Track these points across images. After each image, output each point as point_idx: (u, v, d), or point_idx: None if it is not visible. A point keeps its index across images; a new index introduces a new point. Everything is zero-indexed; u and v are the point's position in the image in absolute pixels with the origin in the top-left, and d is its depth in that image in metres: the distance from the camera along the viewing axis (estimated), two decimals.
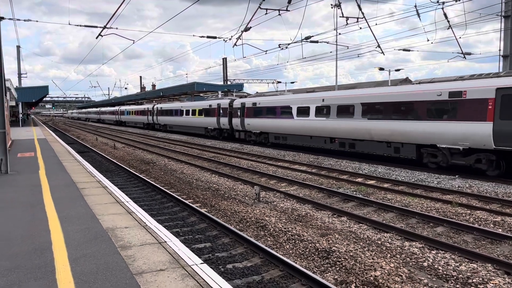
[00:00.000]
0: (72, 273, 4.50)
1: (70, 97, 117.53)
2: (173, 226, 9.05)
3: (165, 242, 5.60)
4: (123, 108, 66.23)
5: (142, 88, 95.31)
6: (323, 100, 21.24)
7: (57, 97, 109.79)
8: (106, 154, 23.09)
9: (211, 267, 5.32)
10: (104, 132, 47.63)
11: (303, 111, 22.53)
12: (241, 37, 22.98)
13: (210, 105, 33.93)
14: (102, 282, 4.27)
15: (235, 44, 23.46)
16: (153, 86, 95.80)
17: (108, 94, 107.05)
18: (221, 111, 31.99)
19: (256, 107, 27.20)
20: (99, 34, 20.50)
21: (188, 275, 4.45)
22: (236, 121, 29.89)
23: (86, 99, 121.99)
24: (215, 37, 24.78)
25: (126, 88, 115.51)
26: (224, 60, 54.16)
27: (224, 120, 31.65)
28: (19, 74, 51.29)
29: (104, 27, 19.75)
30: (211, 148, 26.78)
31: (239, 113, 29.19)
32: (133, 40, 22.04)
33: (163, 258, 4.96)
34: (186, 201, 10.86)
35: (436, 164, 15.93)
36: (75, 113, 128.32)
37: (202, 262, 4.88)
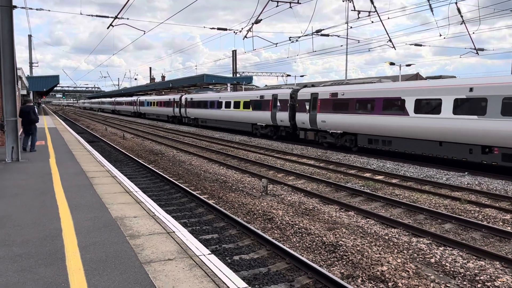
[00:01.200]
0: (82, 261, 4.56)
1: (81, 87, 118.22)
2: (181, 216, 9.11)
3: (173, 232, 5.64)
4: (142, 98, 59.16)
5: (152, 79, 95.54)
6: (470, 89, 14.48)
7: (68, 86, 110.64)
8: (115, 144, 23.25)
9: (218, 258, 5.36)
10: (113, 123, 47.92)
11: (426, 106, 16.18)
12: (251, 30, 22.87)
13: (261, 96, 27.95)
14: (111, 270, 4.32)
15: (245, 37, 23.37)
16: (163, 77, 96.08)
17: (118, 85, 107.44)
18: (278, 104, 26.04)
19: (337, 99, 20.97)
20: (110, 24, 20.53)
21: (196, 265, 4.49)
22: (302, 117, 23.57)
23: (96, 89, 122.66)
24: (225, 29, 24.70)
25: (136, 79, 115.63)
26: (234, 52, 54.02)
27: (282, 116, 25.64)
28: (31, 63, 51.66)
29: (116, 17, 19.77)
30: (219, 140, 26.85)
31: (307, 107, 23.10)
32: (144, 31, 22.03)
33: (171, 248, 5.01)
34: (194, 192, 10.91)
35: None
36: (87, 103, 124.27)
37: (210, 252, 4.91)
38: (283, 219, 8.73)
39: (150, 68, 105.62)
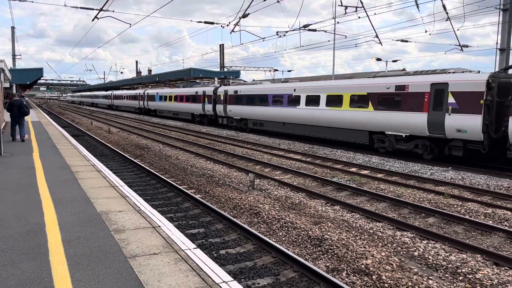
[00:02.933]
0: (65, 255, 4.52)
1: (65, 80, 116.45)
2: (167, 211, 9.08)
3: (159, 226, 5.62)
4: (152, 91, 51.35)
5: (138, 73, 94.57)
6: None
7: (52, 79, 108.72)
8: (100, 138, 23.00)
9: (204, 252, 5.36)
10: (99, 117, 47.37)
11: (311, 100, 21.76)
12: (238, 24, 22.78)
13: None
14: (96, 264, 4.29)
15: (232, 31, 23.27)
16: (149, 71, 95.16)
17: (104, 78, 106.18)
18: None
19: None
20: (95, 17, 20.25)
21: (181, 260, 4.48)
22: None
23: (81, 82, 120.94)
24: (212, 23, 24.57)
25: (122, 73, 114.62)
26: (221, 46, 53.75)
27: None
28: (13, 56, 50.64)
29: (101, 10, 19.50)
30: (206, 134, 26.75)
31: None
32: (130, 24, 21.78)
33: (156, 242, 4.99)
34: (181, 187, 10.87)
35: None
36: (76, 96, 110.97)
37: (196, 247, 4.91)
38: (269, 213, 8.76)
39: (137, 61, 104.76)
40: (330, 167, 14.92)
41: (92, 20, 20.57)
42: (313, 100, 21.49)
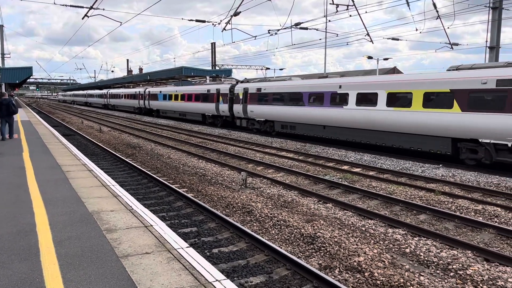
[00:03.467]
0: (56, 255, 4.47)
1: (55, 79, 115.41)
2: (159, 210, 9.04)
3: (151, 225, 5.59)
4: (154, 90, 46.22)
5: (129, 71, 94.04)
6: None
7: (42, 78, 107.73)
8: (91, 138, 22.83)
9: (197, 251, 5.35)
10: (90, 116, 47.02)
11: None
12: (230, 22, 22.74)
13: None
14: (87, 264, 4.26)
15: (224, 29, 23.21)
16: (140, 69, 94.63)
17: (94, 77, 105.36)
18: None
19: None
20: (86, 15, 20.07)
21: (174, 259, 4.46)
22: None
23: (71, 81, 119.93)
24: (204, 21, 24.48)
25: (112, 71, 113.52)
26: (213, 45, 53.60)
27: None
28: (2, 54, 50.04)
29: (91, 8, 19.33)
30: (198, 133, 26.68)
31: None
32: (120, 22, 21.63)
33: (149, 242, 4.97)
34: (173, 186, 10.84)
35: None
36: (68, 95, 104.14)
37: (188, 246, 4.89)
38: (262, 211, 8.77)
39: (127, 60, 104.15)
40: (322, 165, 14.96)
41: (82, 18, 20.40)
42: (367, 99, 17.97)
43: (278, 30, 24.88)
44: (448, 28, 22.85)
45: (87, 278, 3.94)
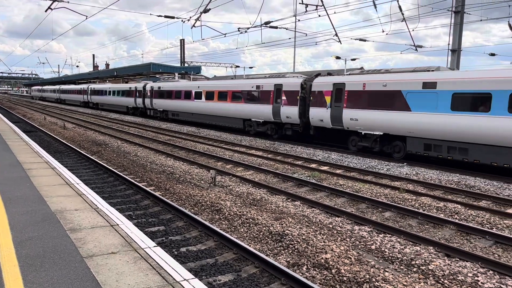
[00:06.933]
0: (17, 257, 4.30)
1: (16, 73, 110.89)
2: (125, 209, 8.86)
3: (117, 225, 5.47)
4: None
5: (95, 67, 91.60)
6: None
7: (2, 72, 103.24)
8: (55, 135, 22.09)
9: (164, 250, 5.27)
10: (52, 112, 45.47)
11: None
12: (199, 19, 22.53)
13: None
14: (50, 265, 4.12)
15: (193, 26, 22.99)
16: (107, 65, 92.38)
17: (58, 72, 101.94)
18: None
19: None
20: (49, 7, 19.37)
21: (141, 258, 4.38)
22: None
23: (33, 75, 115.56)
24: (173, 17, 24.15)
25: (77, 66, 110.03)
26: (182, 41, 53.00)
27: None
28: None
29: (55, 0, 18.67)
30: (166, 131, 26.32)
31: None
32: (86, 16, 21.00)
33: (115, 241, 4.85)
34: (140, 184, 10.64)
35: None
36: (36, 90, 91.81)
37: (156, 245, 4.82)
38: (231, 210, 8.75)
39: (93, 55, 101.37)
40: (291, 163, 15.10)
41: (46, 11, 19.68)
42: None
43: (248, 28, 24.87)
44: (412, 30, 23.52)
45: (49, 280, 3.81)
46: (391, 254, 6.68)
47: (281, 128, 21.97)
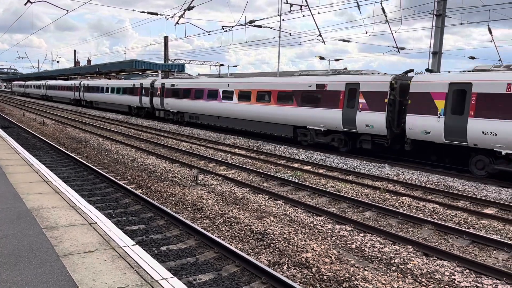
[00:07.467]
0: None
1: None
2: (105, 207, 8.72)
3: (95, 223, 5.37)
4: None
5: (77, 62, 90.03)
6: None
7: None
8: (33, 131, 21.62)
9: (144, 249, 5.21)
10: (31, 107, 44.53)
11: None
12: (183, 16, 22.37)
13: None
14: (24, 264, 4.02)
15: (177, 23, 22.80)
16: (89, 61, 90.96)
17: (38, 67, 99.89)
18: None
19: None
20: (28, 1, 18.94)
21: (119, 257, 4.31)
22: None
23: (12, 70, 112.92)
24: (156, 14, 23.92)
25: (58, 62, 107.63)
26: (166, 38, 52.51)
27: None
28: None
29: None
30: (148, 128, 26.05)
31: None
32: (67, 10, 20.63)
33: (92, 240, 4.77)
34: (120, 182, 10.50)
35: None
36: (17, 86, 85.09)
37: (135, 243, 4.75)
38: (212, 208, 8.70)
39: (75, 51, 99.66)
40: (273, 162, 15.11)
41: (25, 4, 19.24)
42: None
43: (233, 26, 24.82)
44: (395, 32, 23.81)
45: (23, 279, 3.72)
46: (371, 253, 6.74)
47: (353, 140, 17.42)
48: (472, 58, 30.20)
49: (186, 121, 27.91)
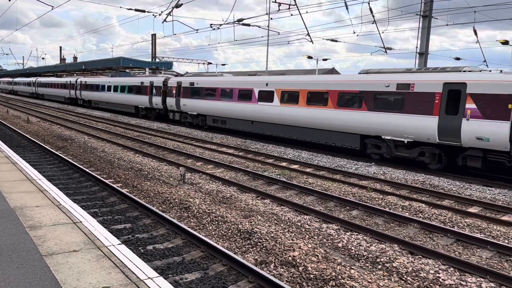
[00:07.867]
0: None
1: None
2: (91, 206, 8.62)
3: (80, 222, 5.30)
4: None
5: (62, 59, 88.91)
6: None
7: None
8: (18, 128, 21.28)
9: (130, 248, 5.16)
10: (16, 105, 43.82)
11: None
12: (171, 13, 22.23)
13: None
14: (6, 264, 3.94)
15: (165, 20, 22.65)
16: (75, 58, 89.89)
17: (23, 64, 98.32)
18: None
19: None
20: None
21: (104, 256, 4.26)
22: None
23: None
24: (144, 11, 23.73)
25: (43, 58, 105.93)
26: (153, 36, 52.21)
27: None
28: None
29: None
30: (135, 127, 25.83)
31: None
32: (52, 6, 20.33)
33: (77, 239, 4.70)
34: (106, 181, 10.39)
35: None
36: (8, 83, 77.76)
37: (120, 243, 4.70)
38: (200, 207, 8.67)
39: (61, 47, 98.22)
40: (261, 161, 15.11)
41: (9, 0, 18.90)
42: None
43: (221, 25, 24.75)
44: (382, 32, 24.03)
45: (5, 279, 3.64)
46: (357, 252, 6.78)
47: (452, 155, 14.03)
48: (458, 59, 30.64)
49: (209, 125, 24.65)
